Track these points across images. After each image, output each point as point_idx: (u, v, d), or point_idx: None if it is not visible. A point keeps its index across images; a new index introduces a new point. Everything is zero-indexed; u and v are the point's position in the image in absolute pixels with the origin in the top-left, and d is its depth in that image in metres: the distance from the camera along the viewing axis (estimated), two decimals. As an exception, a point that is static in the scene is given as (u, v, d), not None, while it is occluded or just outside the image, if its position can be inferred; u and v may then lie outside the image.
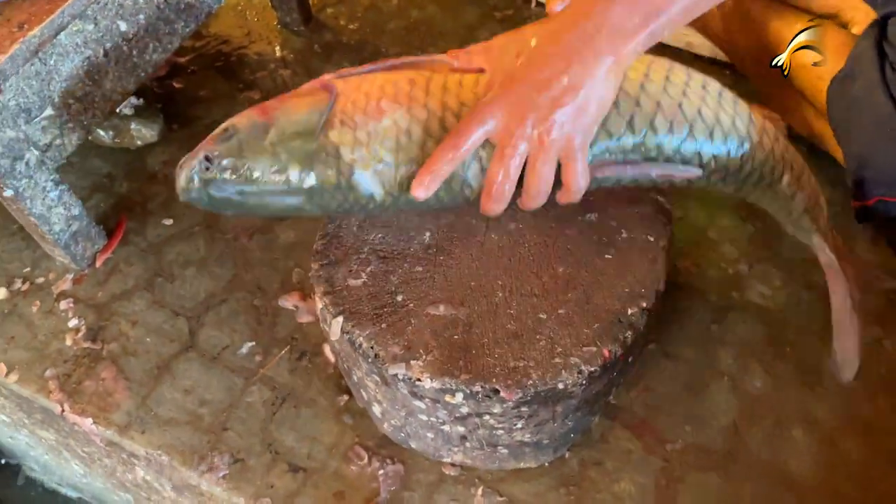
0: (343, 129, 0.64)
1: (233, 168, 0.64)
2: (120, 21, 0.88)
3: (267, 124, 0.64)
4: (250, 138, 0.64)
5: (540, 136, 0.59)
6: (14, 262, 1.00)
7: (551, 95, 0.58)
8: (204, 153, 0.65)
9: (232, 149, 0.64)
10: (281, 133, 0.64)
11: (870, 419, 0.82)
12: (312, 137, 0.64)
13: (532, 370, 0.68)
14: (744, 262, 0.95)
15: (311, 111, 0.65)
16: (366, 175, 0.64)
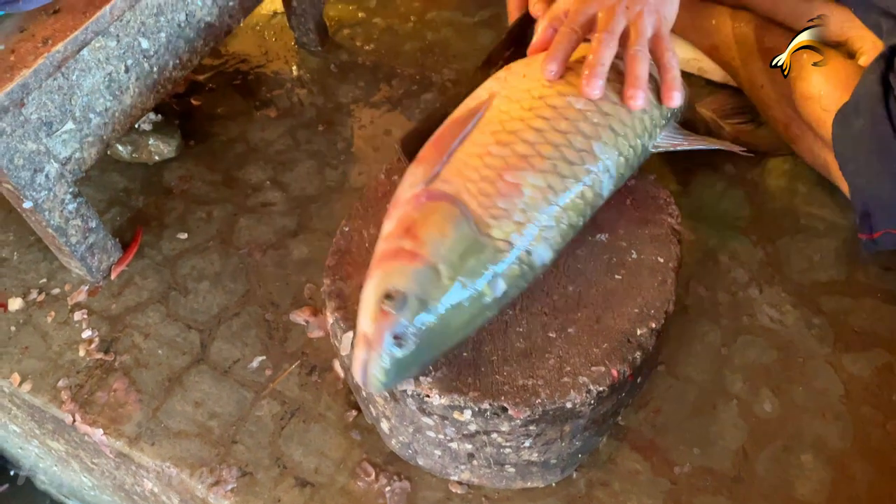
0: (500, 222, 0.65)
1: (426, 326, 0.61)
2: (142, 38, 0.90)
3: (428, 264, 0.62)
4: (425, 288, 0.61)
5: (634, 14, 0.71)
6: (30, 272, 1.02)
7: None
8: (389, 334, 0.60)
9: (416, 309, 0.61)
10: (450, 263, 0.62)
11: (879, 445, 0.82)
12: (480, 245, 0.63)
13: (541, 389, 0.68)
14: (754, 286, 0.95)
15: (454, 224, 0.64)
16: (539, 248, 0.67)
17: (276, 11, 1.36)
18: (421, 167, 0.69)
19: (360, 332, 0.62)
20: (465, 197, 0.65)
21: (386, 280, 0.62)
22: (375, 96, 1.21)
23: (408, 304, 0.61)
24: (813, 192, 1.03)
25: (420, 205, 0.66)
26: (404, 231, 0.64)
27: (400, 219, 0.66)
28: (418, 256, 0.62)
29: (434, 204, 0.65)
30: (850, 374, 0.87)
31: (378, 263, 0.64)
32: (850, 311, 0.92)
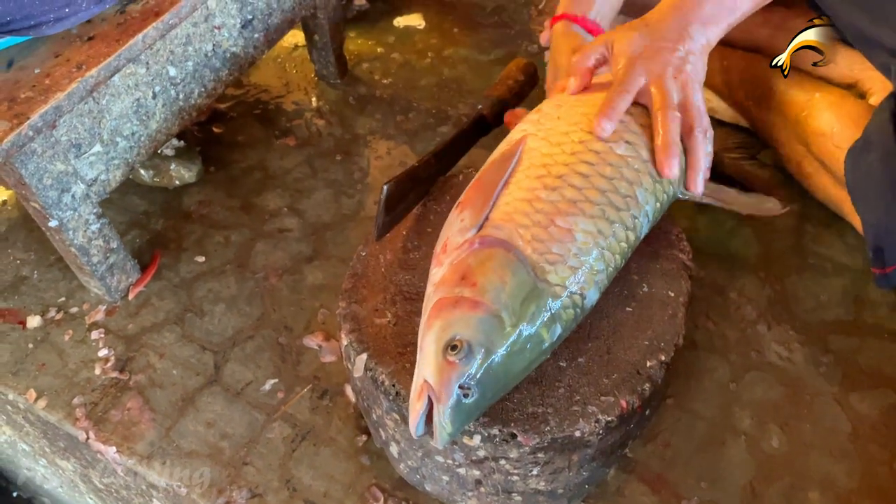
0: (556, 267, 0.66)
1: (491, 374, 0.62)
2: (170, 66, 0.93)
3: (490, 312, 0.62)
4: (490, 336, 0.62)
5: (681, 82, 0.77)
6: (50, 291, 1.04)
7: (679, 56, 0.78)
8: (456, 385, 0.60)
9: (481, 358, 0.61)
10: (512, 310, 0.63)
11: (887, 483, 0.82)
12: (539, 291, 0.65)
13: (550, 417, 0.69)
14: (762, 323, 0.96)
15: (513, 271, 0.64)
16: (591, 291, 0.69)
17: (297, 45, 1.40)
18: (467, 211, 0.70)
19: (420, 383, 0.62)
20: (519, 243, 0.66)
21: (449, 329, 0.61)
22: (392, 128, 1.24)
23: (473, 354, 0.61)
24: (821, 233, 1.04)
25: (474, 251, 0.66)
26: (461, 278, 0.64)
27: (454, 266, 0.65)
28: (480, 305, 0.62)
29: (489, 251, 0.65)
30: (857, 412, 0.88)
31: (437, 312, 0.63)
32: (857, 350, 0.93)
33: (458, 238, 0.68)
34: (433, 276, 0.68)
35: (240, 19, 1.03)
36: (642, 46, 0.79)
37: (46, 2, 0.77)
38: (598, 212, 0.70)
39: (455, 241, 0.68)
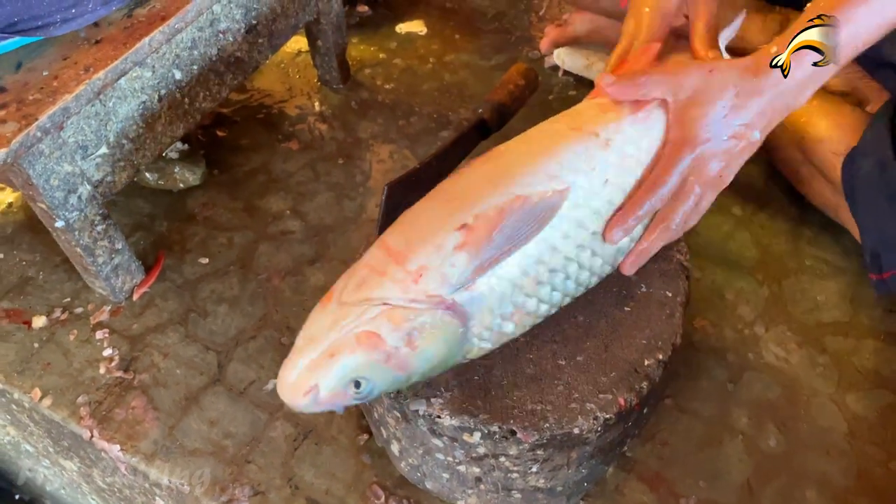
0: (482, 345, 0.68)
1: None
2: (175, 70, 0.95)
3: (408, 374, 0.64)
4: (394, 387, 0.65)
5: (724, 179, 0.71)
6: (55, 292, 1.05)
7: (744, 147, 0.70)
8: (340, 405, 0.64)
9: (375, 394, 0.64)
10: (423, 375, 0.66)
11: (883, 483, 0.83)
12: (457, 361, 0.68)
13: (549, 414, 0.70)
14: (760, 324, 0.97)
15: (449, 349, 0.65)
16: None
17: (300, 50, 1.41)
18: (464, 254, 0.64)
19: (312, 383, 0.62)
20: (477, 321, 0.66)
21: (365, 371, 0.62)
22: (394, 132, 1.25)
23: (371, 393, 0.64)
24: (818, 236, 1.05)
25: (437, 312, 0.63)
26: (408, 335, 0.63)
27: (408, 314, 0.63)
28: (405, 368, 0.64)
29: (448, 320, 0.64)
30: (854, 412, 0.89)
31: (368, 345, 0.62)
32: (854, 351, 0.94)
33: (433, 278, 0.63)
34: (370, 280, 0.64)
35: (244, 24, 1.04)
36: (717, 127, 0.68)
37: (54, 2, 0.79)
38: (553, 297, 0.70)
39: (431, 279, 0.63)
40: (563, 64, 1.31)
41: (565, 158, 0.69)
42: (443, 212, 0.67)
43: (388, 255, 0.65)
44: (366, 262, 0.66)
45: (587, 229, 0.69)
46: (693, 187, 0.70)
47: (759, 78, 0.68)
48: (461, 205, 0.66)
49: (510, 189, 0.67)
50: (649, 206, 0.70)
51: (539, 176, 0.68)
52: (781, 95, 0.69)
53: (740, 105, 0.68)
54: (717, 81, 0.69)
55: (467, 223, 0.65)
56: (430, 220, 0.67)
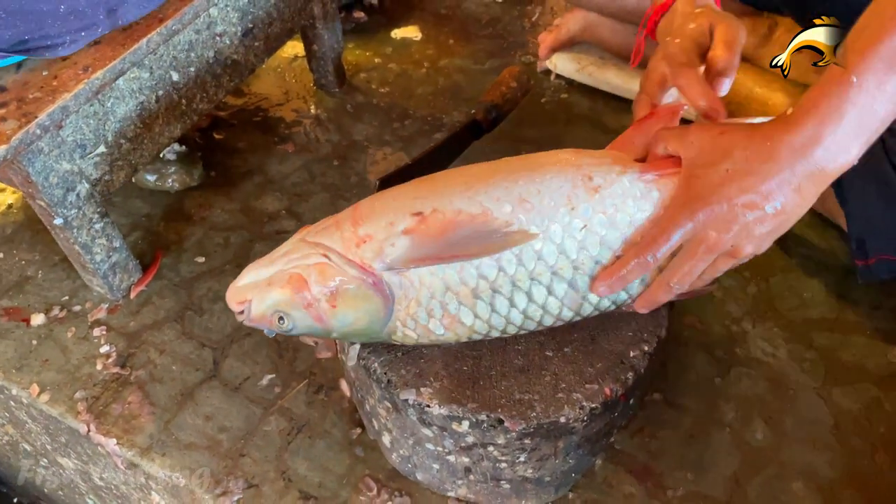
0: (406, 333, 0.70)
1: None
2: (173, 72, 0.97)
3: (325, 329, 0.70)
4: (312, 332, 0.71)
5: (735, 250, 0.64)
6: (54, 290, 1.06)
7: (759, 217, 0.61)
8: (267, 329, 0.71)
9: (297, 331, 0.71)
10: (342, 335, 0.71)
11: (869, 474, 0.84)
12: (377, 336, 0.71)
13: (536, 403, 0.72)
14: (747, 321, 0.98)
15: (370, 321, 0.69)
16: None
17: (297, 55, 1.43)
18: (407, 239, 0.66)
19: (246, 297, 0.69)
20: (400, 310, 0.68)
21: (288, 308, 0.68)
22: (388, 135, 1.27)
23: (292, 328, 0.70)
24: (805, 234, 1.07)
25: (363, 282, 0.67)
26: (331, 294, 0.67)
27: (340, 266, 0.67)
28: (322, 321, 0.69)
29: (372, 295, 0.67)
30: (839, 406, 0.90)
31: (294, 287, 0.67)
32: (840, 346, 0.95)
33: (373, 249, 0.66)
34: (329, 229, 0.69)
35: (241, 28, 1.06)
36: (725, 191, 0.62)
37: (65, 24, 0.80)
38: (497, 323, 0.70)
39: (371, 249, 0.67)
40: (555, 68, 1.33)
41: (547, 187, 0.67)
42: (411, 195, 0.69)
43: (352, 213, 0.70)
44: (338, 215, 0.71)
45: (547, 264, 0.67)
46: (696, 252, 0.64)
47: (771, 142, 0.61)
48: (428, 194, 0.69)
49: (479, 197, 0.67)
50: (636, 264, 0.65)
51: (513, 194, 0.67)
52: (807, 161, 0.60)
53: (748, 171, 0.61)
54: (724, 142, 0.63)
55: (423, 212, 0.67)
56: (398, 199, 0.69)
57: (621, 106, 1.28)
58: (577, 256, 0.67)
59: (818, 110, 0.59)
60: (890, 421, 0.88)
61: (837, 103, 0.58)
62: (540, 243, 0.66)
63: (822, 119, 0.59)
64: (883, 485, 0.83)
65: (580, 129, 1.26)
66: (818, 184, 0.61)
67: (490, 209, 0.66)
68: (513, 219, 0.66)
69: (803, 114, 0.60)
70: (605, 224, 0.67)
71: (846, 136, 0.59)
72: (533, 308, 0.69)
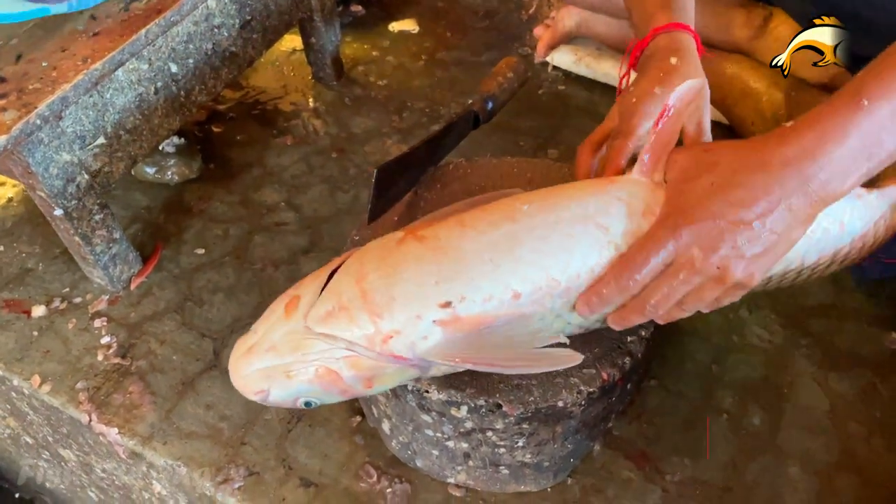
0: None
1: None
2: (171, 63, 0.97)
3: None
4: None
5: (721, 273, 0.58)
6: (54, 282, 1.07)
7: (748, 235, 0.57)
8: (258, 399, 0.70)
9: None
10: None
11: (865, 458, 0.85)
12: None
13: (534, 388, 0.72)
14: (744, 308, 0.99)
15: (408, 381, 0.70)
16: None
17: (295, 49, 1.44)
18: (439, 332, 0.64)
19: (262, 377, 0.67)
20: (435, 370, 0.68)
21: (315, 395, 0.67)
22: (386, 127, 1.28)
23: (317, 405, 0.69)
24: (802, 222, 1.07)
25: (399, 363, 0.66)
26: (367, 378, 0.66)
27: (373, 366, 0.65)
28: (354, 395, 0.69)
29: (409, 370, 0.67)
30: (835, 391, 0.91)
31: (330, 375, 0.65)
32: (836, 332, 0.96)
33: (403, 343, 0.64)
34: (338, 317, 0.65)
35: (239, 20, 1.07)
36: (710, 207, 0.57)
37: None
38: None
39: (402, 343, 0.64)
40: (552, 60, 1.34)
41: (574, 260, 0.65)
42: (432, 277, 0.64)
43: (363, 299, 0.64)
44: (340, 291, 0.66)
45: (565, 318, 0.69)
46: (678, 273, 0.60)
47: (761, 153, 0.58)
48: (453, 274, 0.64)
49: (506, 278, 0.64)
50: (615, 285, 0.62)
51: (541, 270, 0.65)
52: (799, 176, 0.56)
53: (735, 183, 0.57)
54: (708, 157, 0.61)
55: (452, 302, 0.64)
56: (417, 279, 0.64)
57: (618, 97, 1.29)
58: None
59: (820, 125, 0.56)
60: (885, 405, 0.89)
61: (842, 123, 0.55)
62: (563, 309, 0.67)
63: (823, 135, 0.55)
64: (879, 468, 0.84)
65: (577, 121, 1.26)
66: (812, 205, 0.57)
67: (521, 292, 0.64)
68: (543, 295, 0.65)
69: (804, 127, 0.57)
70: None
71: (844, 161, 0.56)
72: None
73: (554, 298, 0.66)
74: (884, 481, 0.83)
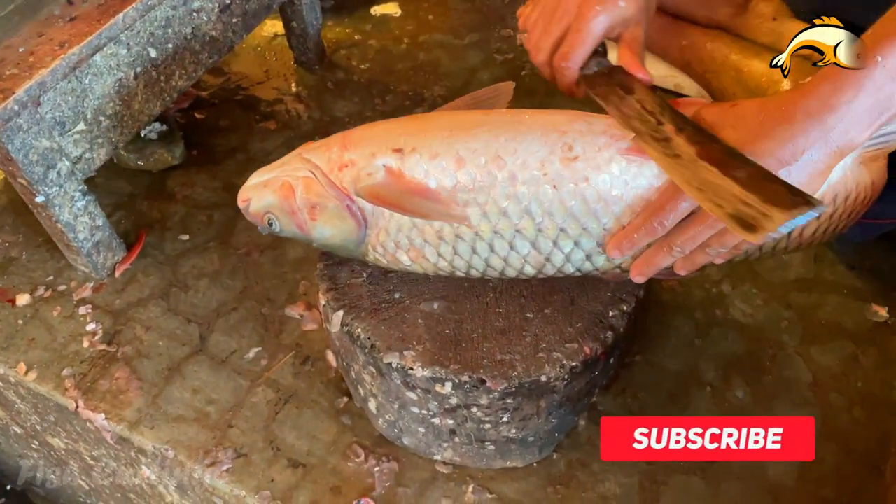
0: (377, 256, 0.74)
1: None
2: (150, 48, 0.97)
3: (306, 237, 0.75)
4: (296, 236, 0.76)
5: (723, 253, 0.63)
6: (38, 271, 1.07)
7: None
8: (261, 227, 0.77)
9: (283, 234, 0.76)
10: (321, 245, 0.76)
11: (845, 428, 0.86)
12: (352, 253, 0.75)
13: (517, 363, 0.73)
14: (726, 283, 1.00)
15: (344, 240, 0.73)
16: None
17: (276, 34, 1.43)
18: (383, 174, 0.69)
19: (252, 187, 0.76)
20: (374, 233, 0.72)
21: (276, 209, 0.74)
22: (369, 110, 1.28)
23: (279, 230, 0.75)
24: (783, 197, 1.08)
25: (340, 203, 0.71)
26: (312, 206, 0.72)
27: (322, 184, 0.71)
28: (303, 229, 0.74)
29: (348, 216, 0.71)
30: (817, 363, 0.92)
31: (283, 195, 0.73)
32: (817, 306, 0.97)
33: (352, 175, 0.70)
34: (321, 148, 0.74)
35: (218, 4, 1.06)
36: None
37: None
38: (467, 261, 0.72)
39: (350, 175, 0.71)
40: (534, 40, 1.34)
41: (525, 149, 0.67)
42: (399, 130, 0.72)
43: (344, 137, 0.74)
44: (336, 135, 0.76)
45: (511, 222, 0.68)
46: (706, 218, 0.62)
47: (786, 106, 0.60)
48: (415, 132, 0.71)
49: (457, 145, 0.68)
50: (644, 229, 0.65)
51: (490, 149, 0.68)
52: (821, 127, 0.59)
53: (762, 134, 0.60)
54: (736, 111, 0.64)
55: (403, 149, 0.70)
56: (387, 131, 0.73)
57: (601, 77, 1.29)
58: (542, 220, 0.67)
59: (837, 78, 0.59)
60: (867, 376, 0.90)
61: (857, 77, 0.58)
62: (506, 201, 0.67)
63: (840, 87, 0.58)
64: (861, 438, 0.85)
65: (561, 101, 1.26)
66: (831, 156, 0.60)
67: (465, 159, 0.68)
68: (484, 173, 0.67)
69: (822, 80, 0.60)
70: (573, 194, 0.66)
71: (859, 112, 0.58)
72: (494, 259, 0.70)
73: (498, 186, 0.67)
74: (865, 450, 0.84)
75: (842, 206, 0.71)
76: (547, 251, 0.69)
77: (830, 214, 0.71)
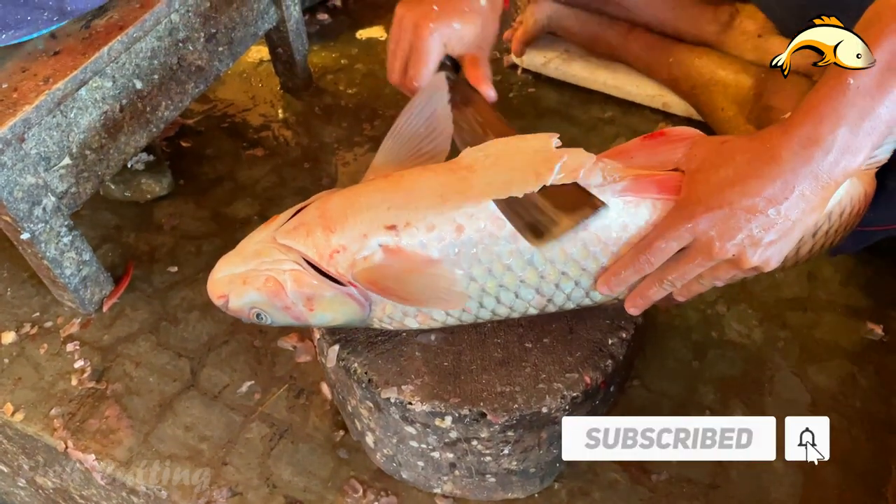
0: (384, 322, 0.72)
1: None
2: (136, 80, 0.95)
3: (306, 324, 0.72)
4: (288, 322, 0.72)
5: (737, 259, 0.61)
6: (24, 307, 1.04)
7: (763, 223, 0.60)
8: (245, 319, 0.72)
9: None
10: (321, 326, 0.74)
11: (847, 449, 0.85)
12: (358, 322, 0.72)
13: (518, 395, 0.72)
14: (722, 304, 0.99)
15: (348, 320, 0.71)
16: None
17: (262, 59, 1.42)
18: (381, 255, 0.67)
19: (226, 282, 0.71)
20: (379, 308, 0.70)
21: (265, 305, 0.69)
22: (358, 135, 1.27)
23: (270, 322, 0.72)
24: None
25: (339, 291, 0.68)
26: (308, 298, 0.68)
27: (314, 275, 0.68)
28: (300, 319, 0.70)
29: (349, 301, 0.69)
30: (815, 384, 0.91)
31: (275, 285, 0.68)
32: (813, 325, 0.97)
33: (346, 260, 0.67)
34: (299, 231, 0.69)
35: (204, 33, 1.05)
36: (726, 196, 0.60)
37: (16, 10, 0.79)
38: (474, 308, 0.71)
39: (345, 260, 0.67)
40: (521, 62, 1.34)
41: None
42: (385, 203, 0.68)
43: (322, 217, 0.69)
44: (308, 210, 0.71)
45: (515, 274, 0.68)
46: (696, 257, 0.62)
47: (771, 145, 0.60)
48: (403, 202, 0.68)
49: (452, 213, 0.67)
50: (632, 266, 0.65)
51: (486, 212, 0.67)
52: (808, 163, 0.59)
53: (750, 174, 0.60)
54: (726, 149, 0.63)
55: (397, 226, 0.67)
56: (371, 203, 0.69)
57: (589, 98, 1.29)
58: (544, 268, 0.68)
59: (816, 111, 0.59)
60: (865, 395, 0.90)
61: (835, 105, 0.58)
62: (510, 258, 0.67)
63: (820, 120, 0.58)
64: (861, 459, 0.85)
65: (549, 123, 1.26)
66: (824, 189, 0.60)
67: (465, 226, 0.66)
68: (485, 235, 0.66)
69: (801, 115, 0.60)
70: (573, 241, 0.66)
71: (847, 140, 0.58)
72: (500, 308, 0.71)
73: (501, 244, 0.66)
74: (866, 471, 0.84)
75: (837, 222, 0.71)
76: (550, 294, 0.69)
77: (826, 231, 0.70)
